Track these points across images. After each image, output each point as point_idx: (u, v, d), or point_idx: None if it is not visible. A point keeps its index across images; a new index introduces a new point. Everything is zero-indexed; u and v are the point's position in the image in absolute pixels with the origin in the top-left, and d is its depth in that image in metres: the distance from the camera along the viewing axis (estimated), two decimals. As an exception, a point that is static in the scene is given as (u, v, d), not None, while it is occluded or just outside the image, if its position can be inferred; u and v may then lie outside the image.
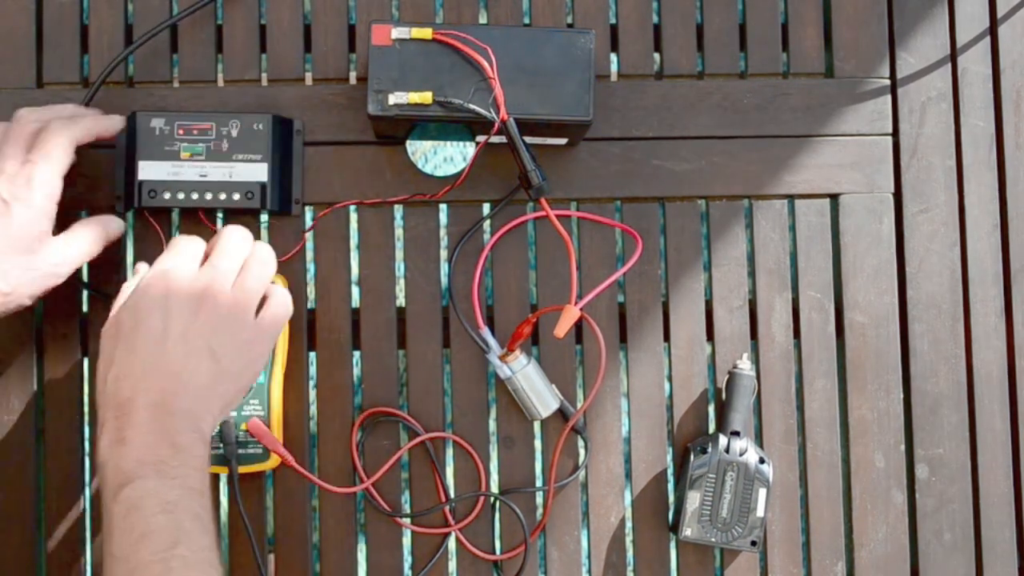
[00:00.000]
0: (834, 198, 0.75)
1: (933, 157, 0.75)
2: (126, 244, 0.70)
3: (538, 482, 0.72)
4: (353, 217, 0.72)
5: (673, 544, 0.72)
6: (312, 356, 0.71)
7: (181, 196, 0.67)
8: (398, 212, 0.73)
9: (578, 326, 0.73)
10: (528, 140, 0.67)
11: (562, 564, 0.71)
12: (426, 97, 0.64)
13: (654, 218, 0.73)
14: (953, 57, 0.76)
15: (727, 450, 0.69)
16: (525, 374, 0.69)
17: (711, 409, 0.73)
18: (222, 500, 0.70)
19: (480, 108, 0.64)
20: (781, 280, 0.74)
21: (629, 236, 0.73)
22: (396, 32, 0.65)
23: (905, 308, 0.74)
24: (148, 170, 0.67)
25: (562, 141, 0.71)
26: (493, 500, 0.72)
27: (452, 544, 0.72)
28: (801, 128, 0.74)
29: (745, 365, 0.71)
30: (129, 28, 0.72)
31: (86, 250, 0.64)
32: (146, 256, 0.68)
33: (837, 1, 0.75)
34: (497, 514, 0.72)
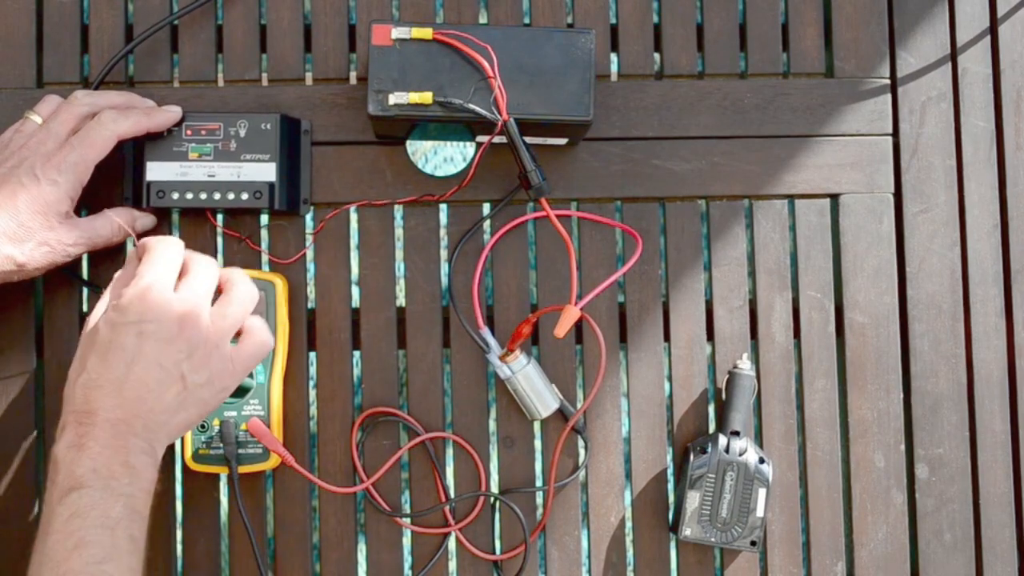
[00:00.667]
0: (834, 198, 0.75)
1: (933, 157, 0.75)
2: (128, 243, 0.70)
3: (538, 482, 0.72)
4: (353, 217, 0.72)
5: (673, 544, 0.72)
6: (312, 356, 0.72)
7: (189, 196, 0.67)
8: (398, 212, 0.73)
9: (578, 326, 0.73)
10: (528, 140, 0.67)
11: (562, 564, 0.71)
12: (426, 97, 0.64)
13: (654, 218, 0.73)
14: (953, 57, 0.76)
15: (727, 450, 0.69)
16: (525, 374, 0.69)
17: (711, 409, 0.73)
18: (222, 500, 0.70)
19: (481, 108, 0.64)
20: (781, 280, 0.74)
21: (629, 236, 0.73)
22: (396, 32, 0.65)
23: (905, 308, 0.74)
24: (156, 171, 0.67)
25: (562, 141, 0.71)
26: (493, 500, 0.72)
27: (452, 544, 0.72)
28: (801, 128, 0.74)
29: (745, 365, 0.71)
30: (129, 28, 0.72)
31: (104, 235, 0.66)
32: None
33: (837, 1, 0.75)
34: (497, 514, 0.72)
